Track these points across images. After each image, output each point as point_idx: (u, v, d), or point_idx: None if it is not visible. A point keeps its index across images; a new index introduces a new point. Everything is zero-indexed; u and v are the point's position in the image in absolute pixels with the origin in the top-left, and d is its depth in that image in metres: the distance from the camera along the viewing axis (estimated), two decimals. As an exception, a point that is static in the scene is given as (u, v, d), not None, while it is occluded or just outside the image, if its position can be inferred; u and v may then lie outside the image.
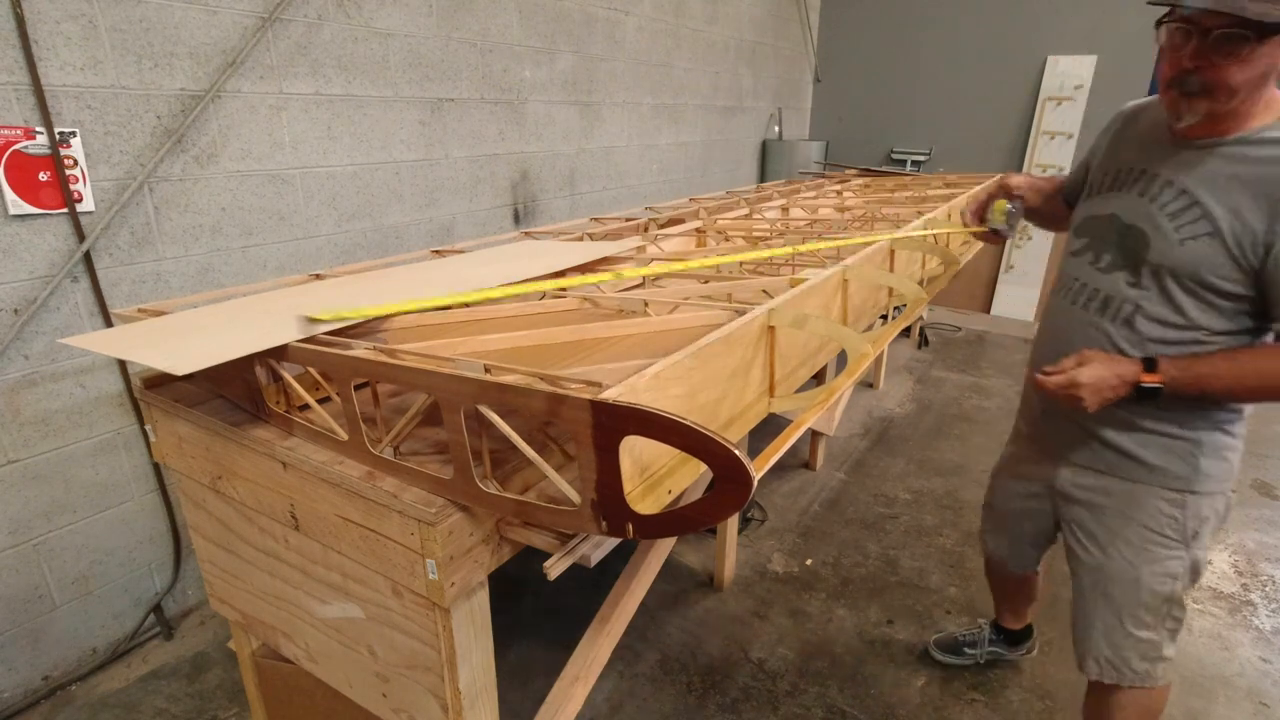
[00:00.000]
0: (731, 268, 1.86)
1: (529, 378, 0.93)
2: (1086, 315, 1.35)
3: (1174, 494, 1.33)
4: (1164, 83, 1.18)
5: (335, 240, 2.54)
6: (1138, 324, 1.27)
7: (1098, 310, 1.33)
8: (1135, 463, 1.34)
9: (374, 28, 2.52)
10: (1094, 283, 1.34)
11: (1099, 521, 1.43)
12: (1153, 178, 1.26)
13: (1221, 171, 1.17)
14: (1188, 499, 1.32)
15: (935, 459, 3.44)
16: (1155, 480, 1.34)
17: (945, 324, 5.62)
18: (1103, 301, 1.32)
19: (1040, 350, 1.48)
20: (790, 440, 1.01)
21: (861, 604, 2.42)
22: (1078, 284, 1.38)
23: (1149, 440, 1.32)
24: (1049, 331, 1.47)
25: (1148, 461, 1.33)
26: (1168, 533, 1.35)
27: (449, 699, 1.15)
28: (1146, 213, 1.25)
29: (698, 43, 4.43)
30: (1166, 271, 1.22)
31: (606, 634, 1.82)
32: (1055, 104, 5.20)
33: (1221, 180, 1.17)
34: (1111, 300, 1.31)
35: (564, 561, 1.02)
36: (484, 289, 1.50)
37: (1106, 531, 1.42)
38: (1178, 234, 1.20)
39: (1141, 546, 1.37)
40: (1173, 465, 1.31)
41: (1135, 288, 1.27)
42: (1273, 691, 2.07)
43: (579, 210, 3.70)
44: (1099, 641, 1.46)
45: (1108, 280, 1.31)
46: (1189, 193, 1.20)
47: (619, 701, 2.01)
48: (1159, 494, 1.34)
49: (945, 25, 5.50)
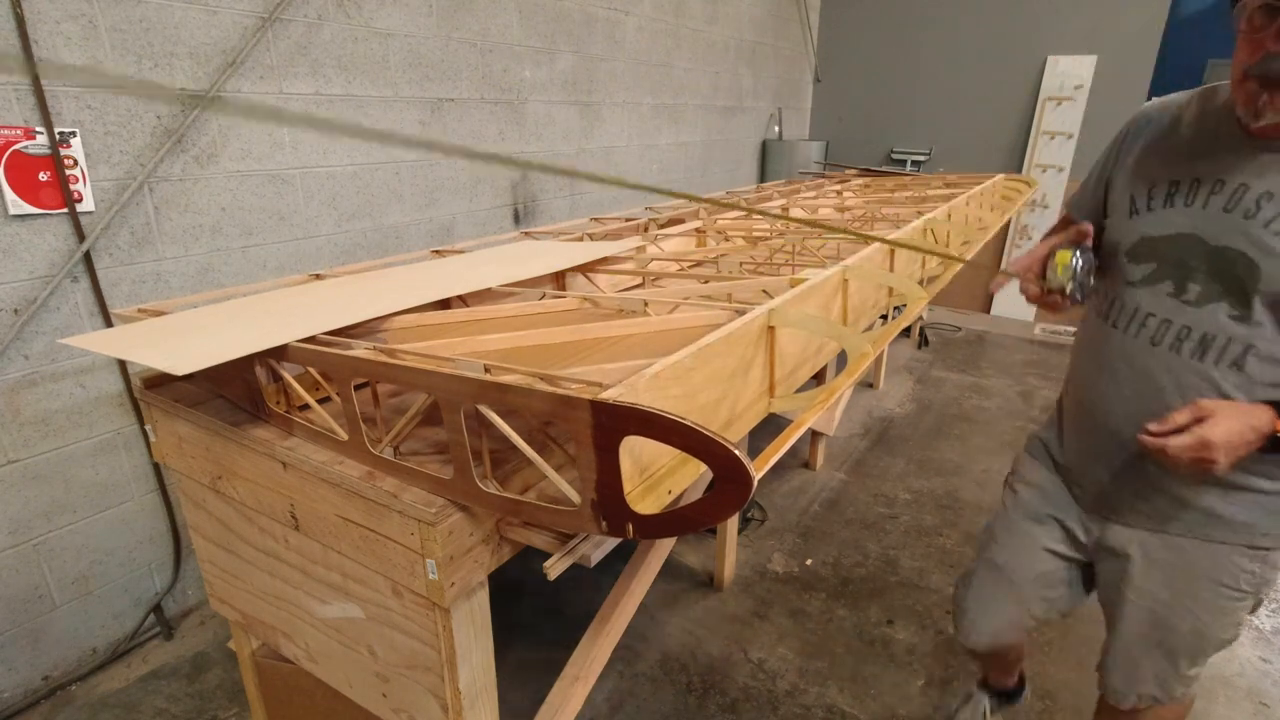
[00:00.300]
0: (731, 267, 1.86)
1: (529, 378, 0.93)
2: (1178, 359, 1.13)
3: (1258, 550, 1.18)
4: (1240, 72, 1.00)
5: (335, 240, 2.54)
6: (1249, 366, 1.07)
7: (1195, 352, 1.11)
8: (1218, 521, 1.18)
9: (374, 28, 2.52)
10: (1181, 318, 1.12)
11: (1165, 583, 1.25)
12: (1239, 189, 1.06)
13: None
14: (1271, 554, 1.19)
15: (935, 459, 3.44)
16: (1239, 538, 1.18)
17: (945, 324, 5.62)
18: (1200, 341, 1.10)
19: (1104, 400, 1.24)
20: (790, 440, 1.01)
21: (861, 604, 2.42)
22: (1155, 320, 1.15)
23: (1237, 497, 1.15)
24: (1118, 377, 1.22)
25: (1234, 519, 1.17)
26: (1243, 587, 1.22)
27: (449, 699, 1.15)
28: (1244, 231, 1.05)
29: (698, 43, 4.43)
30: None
31: (606, 634, 1.82)
32: (1055, 104, 5.20)
33: None
34: (1212, 339, 1.09)
35: (564, 561, 1.02)
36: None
37: (1173, 592, 1.25)
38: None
39: (1214, 603, 1.23)
40: (1261, 521, 1.16)
41: (1244, 323, 1.06)
42: (1273, 691, 2.07)
43: (579, 210, 3.70)
44: (1148, 682, 1.32)
45: (1202, 315, 1.10)
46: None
47: (619, 701, 2.01)
48: (1240, 551, 1.19)
49: (945, 25, 5.50)
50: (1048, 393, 4.22)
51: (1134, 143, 1.25)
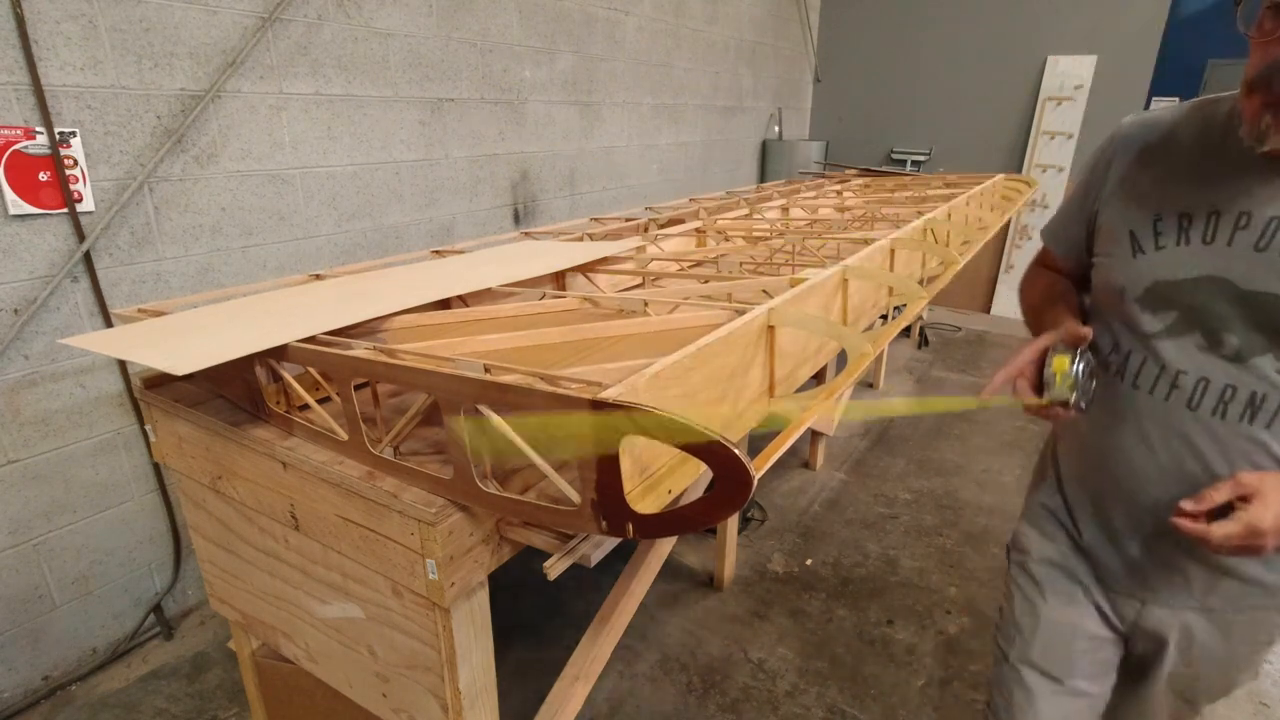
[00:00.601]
0: (731, 267, 1.86)
1: (529, 378, 0.93)
2: (1223, 423, 0.97)
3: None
4: (1248, 84, 0.85)
5: (335, 240, 2.54)
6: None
7: (1243, 415, 0.96)
8: (1261, 589, 1.06)
9: (374, 28, 2.52)
10: (1222, 377, 0.96)
11: (1203, 658, 1.14)
12: (1272, 224, 0.90)
13: None
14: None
15: (935, 459, 3.44)
16: (1278, 601, 1.07)
17: (945, 324, 5.62)
18: (1248, 402, 0.95)
19: (1137, 472, 1.07)
20: (790, 440, 1.01)
21: (861, 604, 2.42)
22: (1188, 379, 0.99)
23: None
24: (1151, 444, 1.04)
25: (1277, 585, 1.05)
26: (1276, 640, 1.12)
27: (449, 699, 1.15)
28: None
29: (698, 43, 4.43)
30: None
31: (606, 634, 1.82)
32: (1055, 104, 5.20)
33: None
34: (1263, 400, 0.94)
35: (564, 561, 1.02)
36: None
37: (1208, 664, 1.14)
38: None
39: (1249, 662, 1.14)
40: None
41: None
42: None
43: (579, 210, 3.70)
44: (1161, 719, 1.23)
45: (1244, 372, 0.95)
46: None
47: (619, 701, 2.01)
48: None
49: (945, 25, 5.50)
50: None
51: (1120, 168, 1.08)
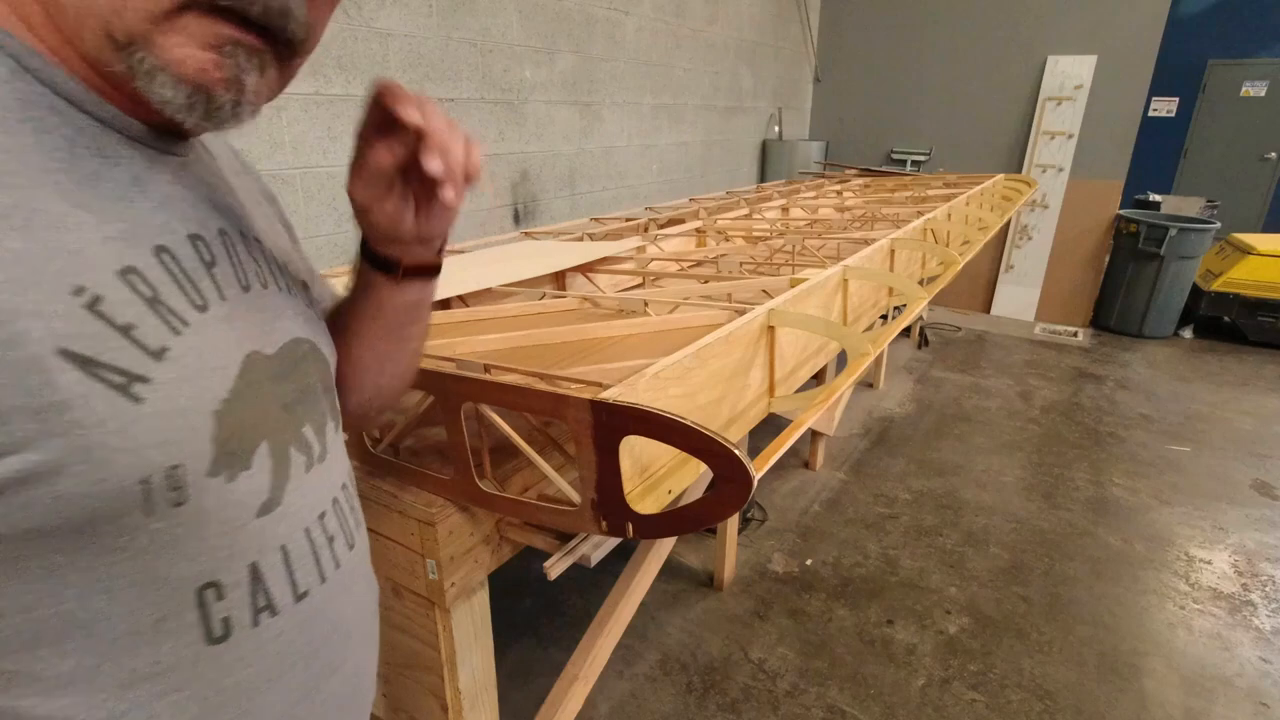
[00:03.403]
0: (731, 267, 1.86)
1: (529, 378, 0.93)
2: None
3: None
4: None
5: (335, 240, 2.54)
6: None
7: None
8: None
9: (374, 27, 2.52)
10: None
11: None
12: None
13: None
14: None
15: (935, 459, 3.44)
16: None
17: (945, 324, 5.62)
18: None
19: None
20: (790, 440, 1.01)
21: (861, 604, 2.42)
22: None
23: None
24: None
25: None
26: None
27: (449, 699, 1.15)
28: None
29: (698, 43, 4.43)
30: None
31: (606, 634, 1.82)
32: (1055, 104, 5.20)
33: None
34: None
35: (564, 561, 1.02)
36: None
37: None
38: None
39: None
40: None
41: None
42: (1273, 691, 2.07)
43: (579, 210, 3.70)
44: None
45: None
46: None
47: (619, 701, 2.01)
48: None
49: (945, 25, 5.51)
50: (1048, 393, 4.22)
51: None
